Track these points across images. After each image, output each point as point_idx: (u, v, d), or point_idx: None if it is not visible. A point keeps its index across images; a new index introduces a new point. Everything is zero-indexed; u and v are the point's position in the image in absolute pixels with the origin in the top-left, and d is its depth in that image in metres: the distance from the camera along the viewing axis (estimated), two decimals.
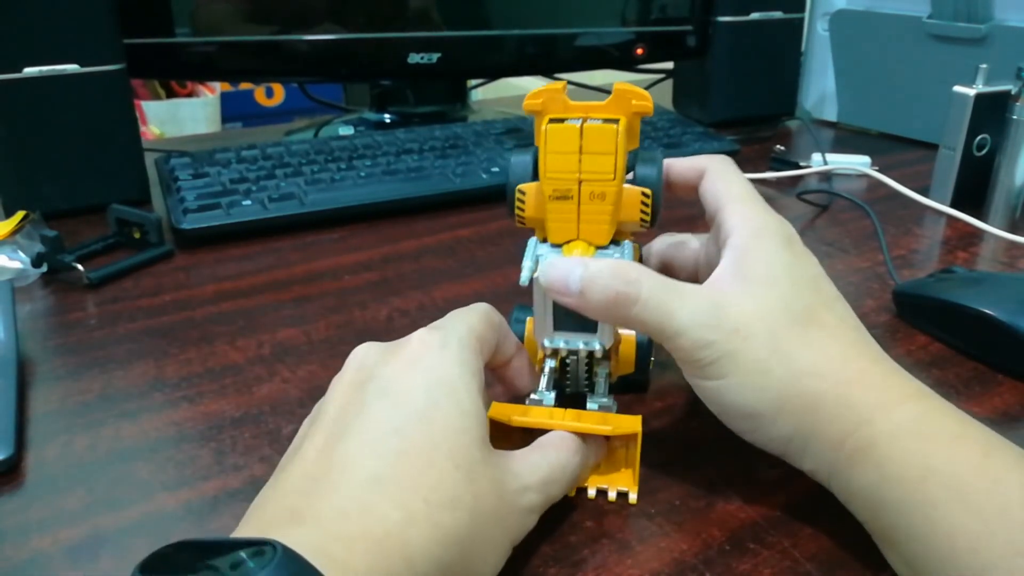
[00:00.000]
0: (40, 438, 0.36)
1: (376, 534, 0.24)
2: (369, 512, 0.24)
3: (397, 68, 0.74)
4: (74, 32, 0.58)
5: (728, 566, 0.29)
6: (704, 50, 0.84)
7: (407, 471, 0.25)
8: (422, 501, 0.25)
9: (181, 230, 0.56)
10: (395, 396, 0.27)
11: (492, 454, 0.28)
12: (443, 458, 0.26)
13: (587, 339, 0.33)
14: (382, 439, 0.26)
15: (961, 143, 0.62)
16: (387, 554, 0.23)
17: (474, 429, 0.27)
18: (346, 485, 0.25)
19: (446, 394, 0.28)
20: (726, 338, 0.29)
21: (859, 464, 0.28)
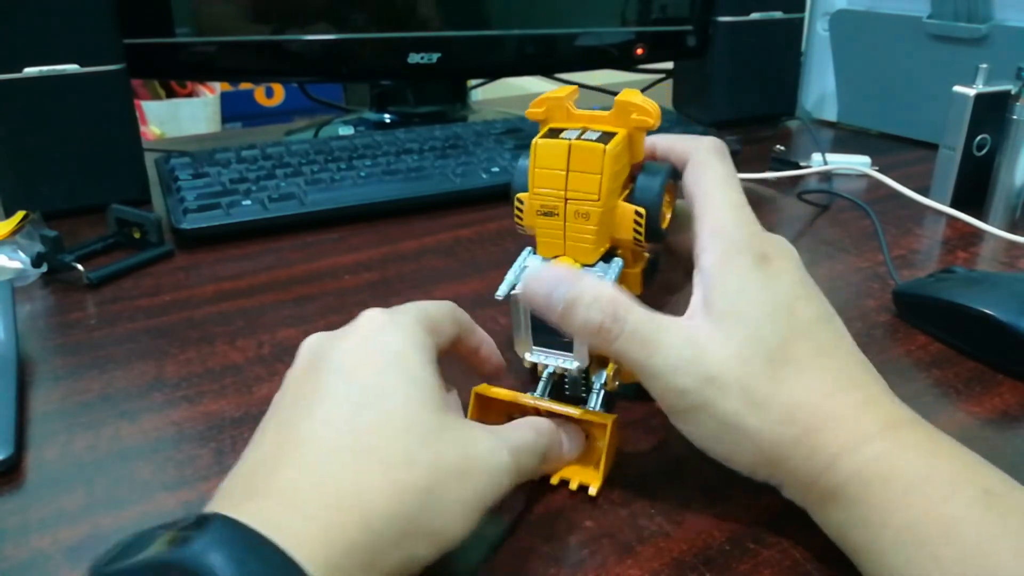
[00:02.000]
0: (40, 438, 0.36)
1: (330, 500, 0.24)
2: (323, 480, 0.24)
3: (397, 68, 0.74)
4: (74, 32, 0.58)
5: (728, 566, 0.29)
6: (704, 50, 0.84)
7: (362, 440, 0.26)
8: (378, 463, 0.25)
9: (181, 230, 0.56)
10: (347, 372, 0.28)
11: (454, 421, 0.28)
12: (398, 424, 0.26)
13: (564, 358, 0.33)
14: (336, 414, 0.26)
15: (961, 143, 0.62)
16: (343, 517, 0.23)
17: (427, 397, 0.28)
18: (300, 459, 0.25)
19: (397, 365, 0.28)
20: (701, 387, 0.29)
21: (828, 506, 0.28)
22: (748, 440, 0.29)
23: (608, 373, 0.35)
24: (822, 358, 0.30)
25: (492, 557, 0.30)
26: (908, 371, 0.42)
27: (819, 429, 0.28)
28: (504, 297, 0.33)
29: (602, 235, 0.33)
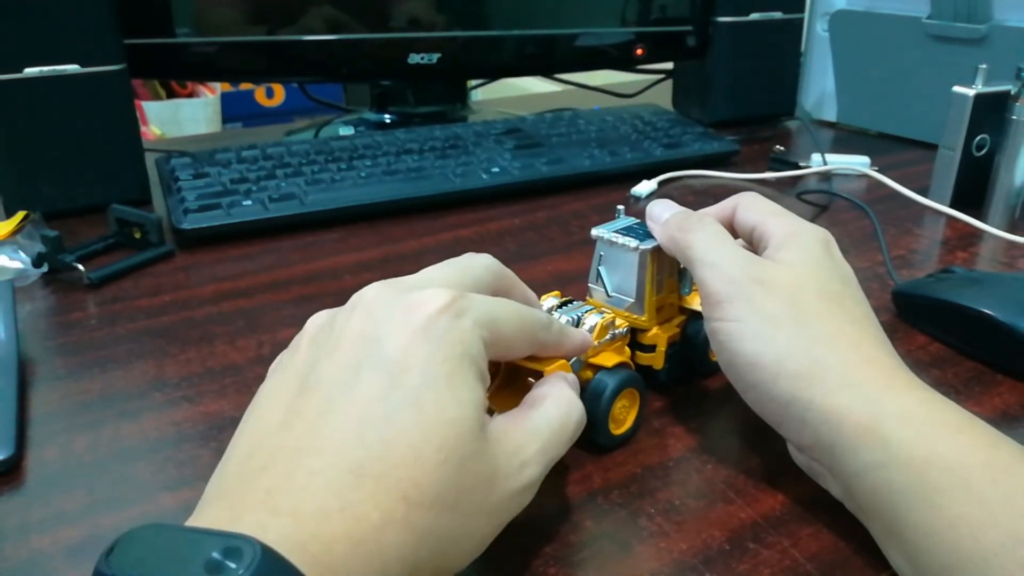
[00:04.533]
0: (40, 438, 0.36)
1: (355, 536, 0.22)
2: (350, 512, 0.23)
3: (397, 68, 0.74)
4: (74, 32, 0.58)
5: (728, 566, 0.29)
6: (704, 50, 0.84)
7: (391, 463, 0.23)
8: (402, 500, 0.23)
9: (181, 230, 0.56)
10: (392, 369, 0.25)
11: (487, 442, 0.26)
12: (432, 451, 0.24)
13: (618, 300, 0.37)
14: (369, 423, 0.24)
15: (961, 143, 0.62)
16: (363, 556, 0.22)
17: (469, 419, 0.25)
18: (326, 473, 0.23)
19: (446, 377, 0.25)
20: (749, 284, 0.31)
21: (864, 442, 0.28)
22: (781, 340, 0.30)
23: (601, 323, 0.35)
24: (867, 323, 0.32)
25: None
26: None
27: (860, 365, 0.29)
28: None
29: None
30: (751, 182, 0.70)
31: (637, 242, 0.36)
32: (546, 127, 0.76)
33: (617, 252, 0.37)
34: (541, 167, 0.67)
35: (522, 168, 0.67)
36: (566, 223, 0.61)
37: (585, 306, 0.37)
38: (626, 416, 0.35)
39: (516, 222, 0.61)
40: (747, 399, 0.32)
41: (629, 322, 0.37)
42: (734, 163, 0.75)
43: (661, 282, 0.37)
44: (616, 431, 0.35)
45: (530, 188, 0.66)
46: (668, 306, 0.38)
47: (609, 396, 0.34)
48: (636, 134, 0.76)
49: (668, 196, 0.67)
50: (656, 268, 0.37)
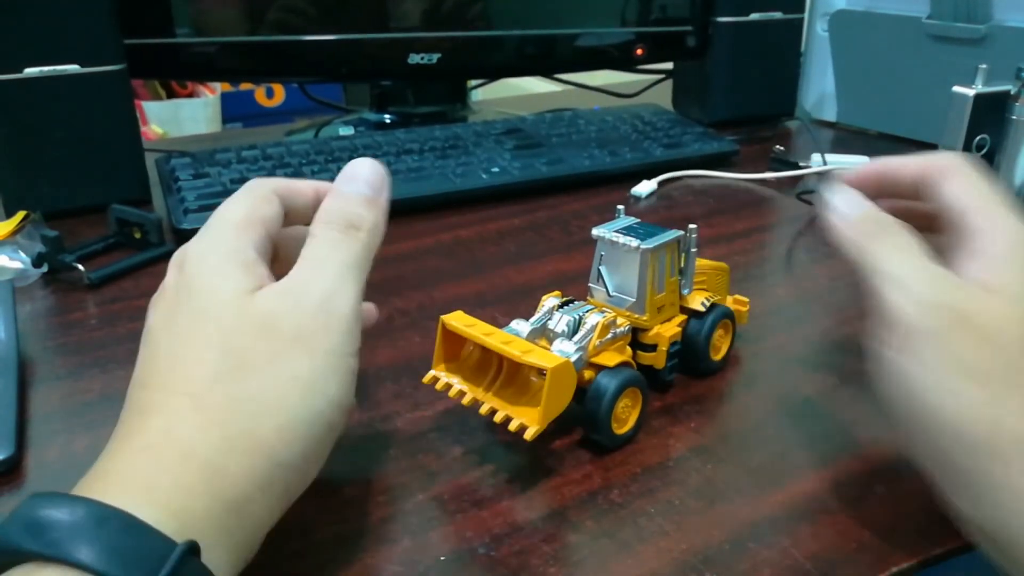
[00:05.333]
0: (40, 438, 0.36)
1: (137, 426, 0.25)
2: (134, 407, 0.27)
3: (397, 68, 0.74)
4: (74, 32, 0.58)
5: (728, 566, 0.29)
6: (704, 50, 0.84)
7: (168, 370, 0.27)
8: (184, 395, 0.25)
9: (181, 230, 0.56)
10: (153, 334, 0.29)
11: (255, 302, 0.27)
12: (204, 352, 0.26)
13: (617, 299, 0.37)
14: (146, 367, 0.28)
15: (960, 143, 0.62)
16: (166, 460, 0.24)
17: (228, 309, 0.27)
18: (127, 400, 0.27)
19: (198, 300, 0.27)
20: (946, 316, 0.25)
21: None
22: (977, 408, 0.24)
23: (602, 322, 0.35)
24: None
25: None
26: None
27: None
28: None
29: None
30: (751, 182, 0.70)
31: (638, 242, 0.36)
32: (546, 127, 0.76)
33: (618, 252, 0.37)
34: (541, 167, 0.67)
35: (522, 168, 0.67)
36: (566, 223, 0.61)
37: (586, 305, 0.37)
38: (629, 415, 0.35)
39: (516, 222, 0.61)
40: (907, 447, 0.28)
41: (630, 322, 0.37)
42: (734, 163, 0.75)
43: (662, 282, 0.37)
44: (619, 431, 0.35)
45: (530, 188, 0.66)
46: (669, 305, 0.38)
47: (611, 396, 0.34)
48: (636, 134, 0.76)
49: (668, 196, 0.67)
50: (657, 268, 0.37)
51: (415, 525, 0.31)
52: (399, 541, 0.30)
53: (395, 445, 0.36)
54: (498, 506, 0.32)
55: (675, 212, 0.64)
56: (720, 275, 0.42)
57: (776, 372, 0.41)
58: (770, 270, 0.53)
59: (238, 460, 0.24)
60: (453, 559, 0.29)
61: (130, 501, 0.21)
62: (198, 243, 0.29)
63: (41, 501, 0.21)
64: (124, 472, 0.23)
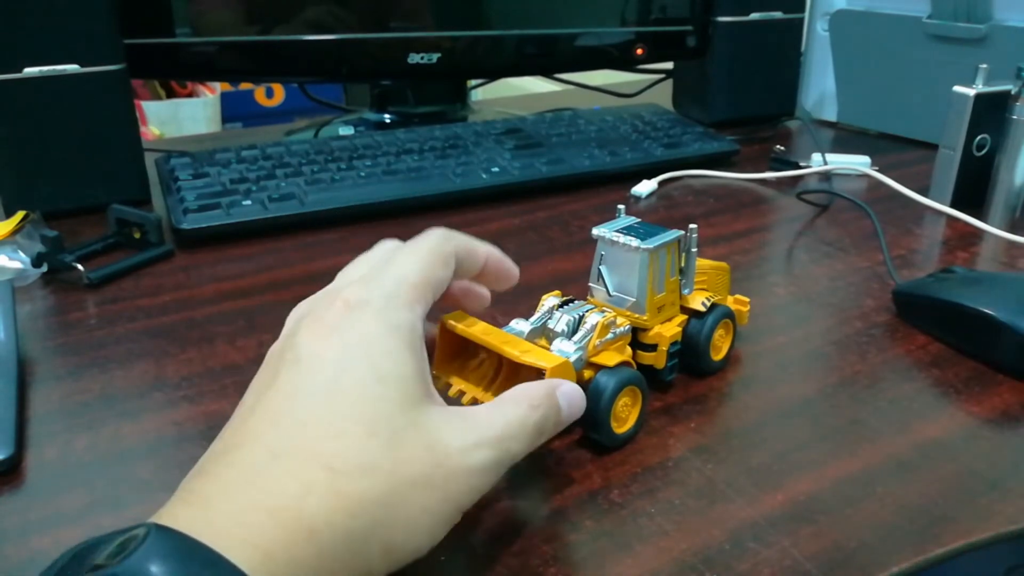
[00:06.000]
0: (40, 438, 0.36)
1: (268, 505, 0.22)
2: (263, 485, 0.23)
3: (397, 68, 0.74)
4: (74, 32, 0.58)
5: (728, 566, 0.29)
6: (704, 50, 0.84)
7: (308, 442, 0.24)
8: (323, 469, 0.23)
9: (181, 230, 0.56)
10: (306, 363, 0.26)
11: (427, 416, 0.26)
12: (353, 426, 0.24)
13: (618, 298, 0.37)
14: (285, 410, 0.25)
15: (961, 143, 0.62)
16: (283, 524, 0.22)
17: (394, 393, 0.25)
18: (241, 461, 0.24)
19: (362, 358, 0.26)
20: None
21: None
22: None
23: (602, 321, 0.35)
24: None
25: None
26: (908, 371, 0.42)
27: None
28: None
29: None
30: (751, 182, 0.70)
31: (639, 241, 0.36)
32: (546, 127, 0.76)
33: (618, 252, 0.37)
34: (541, 167, 0.67)
35: (522, 168, 0.67)
36: (566, 223, 0.61)
37: (586, 305, 0.37)
38: (628, 415, 0.35)
39: (516, 222, 0.61)
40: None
41: (630, 321, 0.37)
42: (734, 163, 0.75)
43: (662, 282, 0.37)
44: (619, 430, 0.35)
45: (530, 188, 0.66)
46: (669, 305, 0.38)
47: (610, 395, 0.34)
48: (636, 134, 0.75)
49: (668, 196, 0.67)
50: (657, 267, 0.37)
51: None
52: None
53: None
54: (498, 506, 0.32)
55: (675, 212, 0.64)
56: (721, 275, 0.42)
57: (776, 372, 0.41)
58: (770, 270, 0.53)
59: (345, 561, 0.23)
60: (453, 559, 0.29)
61: (216, 532, 0.21)
62: (367, 291, 0.28)
63: (159, 553, 0.20)
64: (244, 530, 0.22)
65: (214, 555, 0.20)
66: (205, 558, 0.20)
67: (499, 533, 0.31)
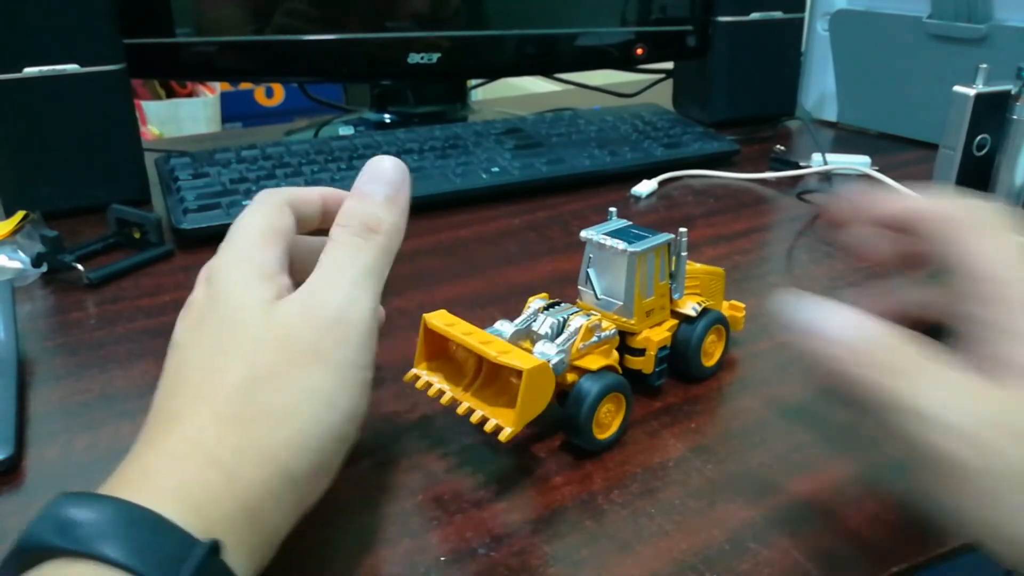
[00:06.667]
0: (40, 438, 0.36)
1: (169, 450, 0.25)
2: (156, 418, 0.27)
3: (397, 68, 0.74)
4: (74, 32, 0.58)
5: (728, 566, 0.29)
6: (704, 50, 0.84)
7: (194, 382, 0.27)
8: (205, 405, 0.26)
9: (181, 230, 0.56)
10: (181, 351, 0.29)
11: (275, 309, 0.28)
12: (223, 359, 0.27)
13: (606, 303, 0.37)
14: (169, 390, 0.28)
15: (961, 143, 0.62)
16: (190, 458, 0.24)
17: (249, 306, 0.28)
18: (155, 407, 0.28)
19: (229, 341, 0.28)
20: (1006, 442, 0.22)
21: None
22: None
23: (586, 324, 0.34)
24: None
25: None
26: None
27: None
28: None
29: None
30: (751, 182, 0.70)
31: (626, 245, 0.36)
32: (546, 127, 0.76)
33: (606, 255, 0.36)
34: (541, 167, 0.67)
35: (522, 168, 0.67)
36: (566, 223, 0.61)
37: (572, 308, 0.36)
38: (611, 421, 0.35)
39: (516, 222, 0.61)
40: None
41: (617, 325, 0.36)
42: (734, 163, 0.75)
43: (651, 286, 0.37)
44: (600, 436, 0.34)
45: (530, 188, 0.66)
46: (658, 309, 0.38)
47: (593, 401, 0.33)
48: (636, 134, 0.75)
49: (668, 196, 0.67)
50: (645, 271, 0.36)
51: (415, 525, 0.31)
52: (399, 541, 0.30)
53: (395, 445, 0.35)
54: (498, 506, 0.32)
55: (675, 212, 0.64)
56: (715, 280, 0.41)
57: (776, 372, 0.41)
58: (770, 270, 0.53)
59: (252, 469, 0.24)
60: (453, 559, 0.29)
61: (156, 501, 0.22)
62: (221, 258, 0.30)
63: (69, 500, 0.21)
64: (150, 474, 0.23)
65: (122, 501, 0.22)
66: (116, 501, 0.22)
67: (499, 534, 0.31)
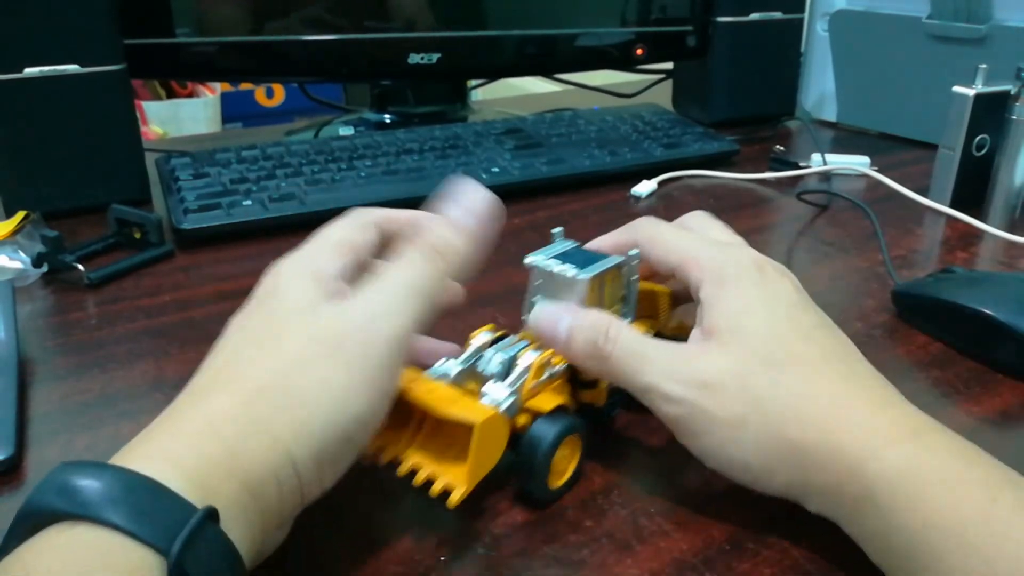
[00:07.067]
0: (40, 438, 0.36)
1: (180, 419, 0.26)
2: (179, 407, 0.27)
3: (397, 68, 0.74)
4: (74, 32, 0.58)
5: (728, 566, 0.29)
6: (704, 50, 0.84)
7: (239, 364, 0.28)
8: (253, 387, 0.27)
9: (181, 230, 0.56)
10: (235, 335, 0.30)
11: (334, 306, 0.29)
12: (272, 344, 0.28)
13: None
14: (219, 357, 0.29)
15: (961, 143, 0.62)
16: (194, 431, 0.25)
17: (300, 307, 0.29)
18: (185, 400, 0.27)
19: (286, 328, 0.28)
20: (695, 394, 0.29)
21: (863, 513, 0.27)
22: (756, 443, 0.28)
23: (537, 362, 0.32)
24: (830, 361, 0.30)
25: None
26: (908, 371, 0.42)
27: (836, 431, 0.27)
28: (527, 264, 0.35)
29: None
30: (751, 182, 0.70)
31: (576, 270, 0.33)
32: (546, 127, 0.76)
33: (554, 282, 0.34)
34: (541, 167, 0.67)
35: (522, 168, 0.67)
36: (566, 223, 0.61)
37: (520, 341, 0.34)
38: (566, 467, 0.32)
39: (516, 222, 0.61)
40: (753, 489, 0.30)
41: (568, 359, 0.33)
42: (734, 163, 0.75)
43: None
44: (555, 484, 0.32)
45: (530, 188, 0.66)
46: None
47: (548, 448, 0.31)
48: (636, 134, 0.76)
49: (668, 196, 0.67)
50: (596, 298, 0.34)
51: (415, 525, 0.31)
52: (399, 541, 0.30)
53: None
54: (498, 506, 0.32)
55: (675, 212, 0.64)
56: (659, 299, 0.38)
57: None
58: None
59: (255, 448, 0.25)
60: (453, 559, 0.29)
61: (157, 469, 0.22)
62: (288, 258, 0.31)
63: (72, 468, 0.22)
64: (155, 446, 0.24)
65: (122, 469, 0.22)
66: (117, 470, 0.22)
67: (500, 534, 0.31)
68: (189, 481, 0.23)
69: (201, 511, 0.21)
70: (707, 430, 0.29)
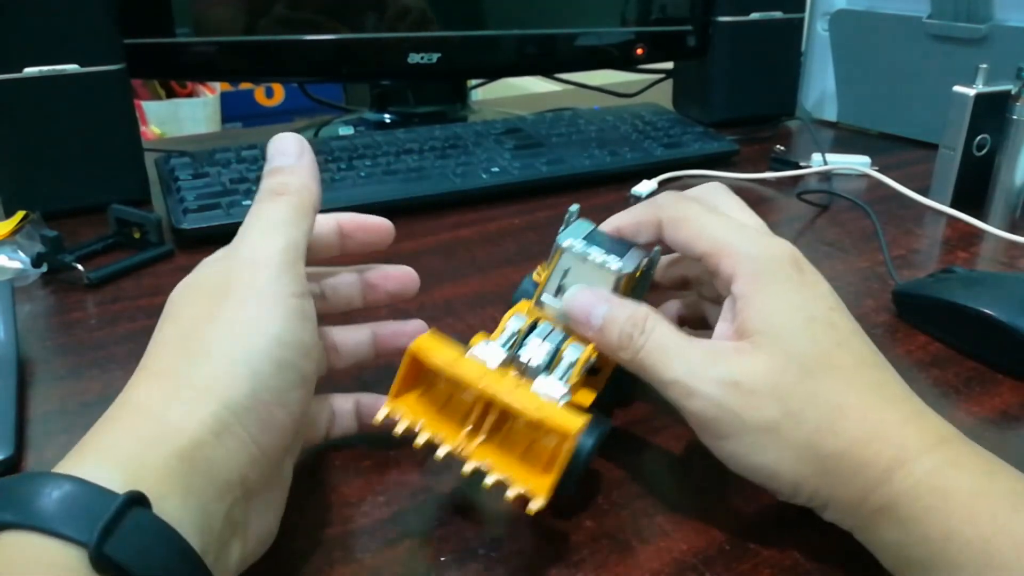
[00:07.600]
0: (40, 438, 0.36)
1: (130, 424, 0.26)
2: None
3: (397, 68, 0.74)
4: (74, 32, 0.58)
5: (728, 566, 0.29)
6: (704, 50, 0.84)
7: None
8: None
9: (181, 230, 0.56)
10: (170, 320, 0.30)
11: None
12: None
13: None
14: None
15: (961, 143, 0.62)
16: (145, 433, 0.25)
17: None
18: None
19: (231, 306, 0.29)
20: (724, 393, 0.28)
21: (881, 524, 0.27)
22: (785, 452, 0.27)
23: (583, 357, 0.31)
24: (864, 369, 0.29)
25: None
26: (908, 371, 0.42)
27: (866, 441, 0.27)
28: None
29: None
30: (751, 182, 0.70)
31: (618, 263, 0.32)
32: (546, 127, 0.76)
33: (588, 270, 0.33)
34: (541, 167, 0.67)
35: (522, 168, 0.67)
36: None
37: (556, 330, 0.33)
38: None
39: (516, 222, 0.61)
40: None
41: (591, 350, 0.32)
42: (734, 163, 0.75)
43: None
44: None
45: (530, 188, 0.66)
46: None
47: (586, 459, 0.29)
48: (636, 134, 0.76)
49: None
50: (625, 291, 0.33)
51: (415, 526, 0.31)
52: (399, 542, 0.30)
53: (395, 446, 0.35)
54: (498, 507, 0.32)
55: None
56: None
57: None
58: None
59: (181, 409, 0.25)
60: (453, 560, 0.29)
61: (81, 462, 0.23)
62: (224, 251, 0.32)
63: (2, 480, 0.23)
64: (89, 446, 0.24)
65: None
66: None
67: (500, 534, 0.31)
68: (117, 468, 0.23)
69: (121, 497, 0.21)
70: (734, 433, 0.28)
